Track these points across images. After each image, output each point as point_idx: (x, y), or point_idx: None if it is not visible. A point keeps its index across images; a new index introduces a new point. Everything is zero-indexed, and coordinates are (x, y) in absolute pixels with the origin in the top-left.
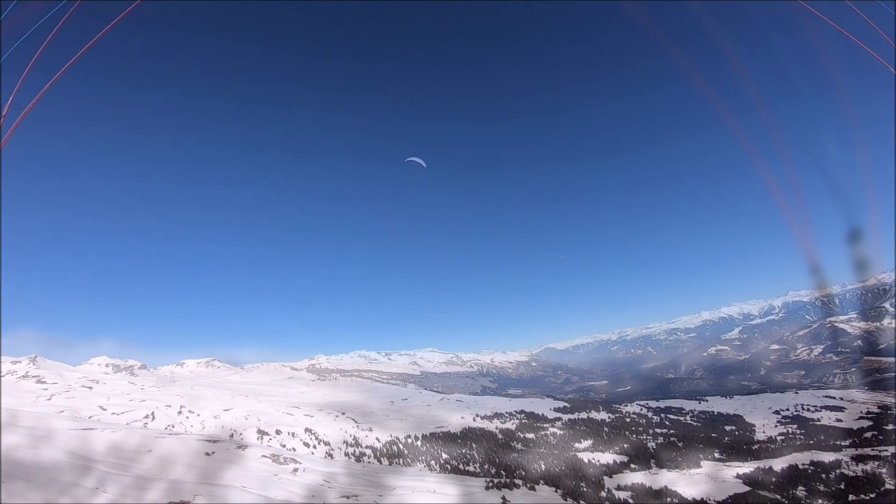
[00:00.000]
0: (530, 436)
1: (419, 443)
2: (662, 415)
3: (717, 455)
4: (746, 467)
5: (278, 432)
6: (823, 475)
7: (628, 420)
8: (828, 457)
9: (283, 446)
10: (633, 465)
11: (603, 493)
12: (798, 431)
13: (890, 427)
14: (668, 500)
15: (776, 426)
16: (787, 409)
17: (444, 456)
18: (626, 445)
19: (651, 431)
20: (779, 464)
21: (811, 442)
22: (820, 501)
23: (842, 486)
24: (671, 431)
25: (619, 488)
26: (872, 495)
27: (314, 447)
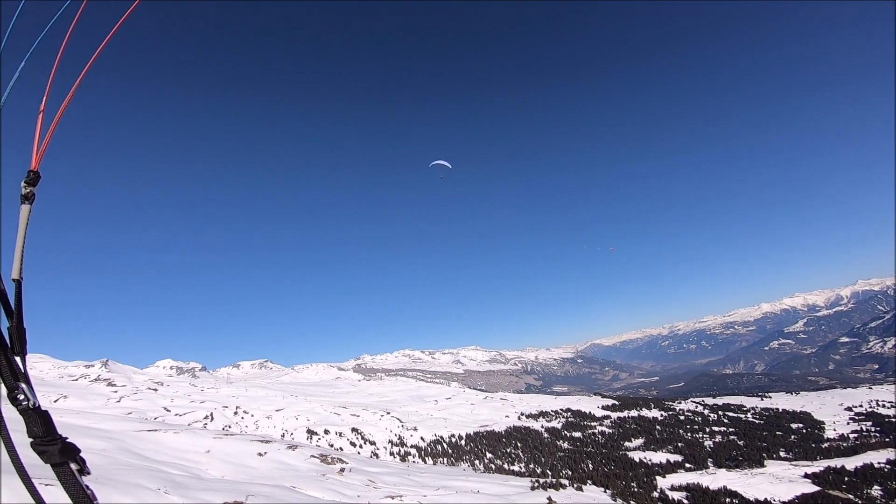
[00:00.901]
0: (577, 434)
1: (463, 442)
2: (720, 412)
3: (782, 454)
4: (816, 466)
5: (326, 432)
6: None
7: (682, 418)
8: None
9: (331, 446)
10: (688, 465)
11: (655, 494)
12: (873, 429)
13: None
14: (728, 500)
15: (848, 423)
16: (860, 406)
17: (489, 455)
18: (680, 444)
19: (708, 430)
20: (852, 463)
21: (887, 440)
22: None
23: None
24: (730, 429)
25: (672, 488)
26: None
27: (360, 447)
